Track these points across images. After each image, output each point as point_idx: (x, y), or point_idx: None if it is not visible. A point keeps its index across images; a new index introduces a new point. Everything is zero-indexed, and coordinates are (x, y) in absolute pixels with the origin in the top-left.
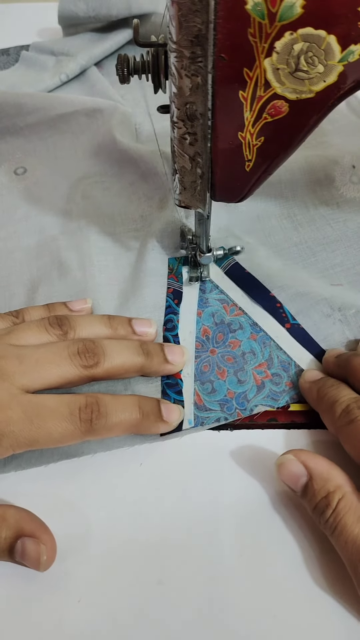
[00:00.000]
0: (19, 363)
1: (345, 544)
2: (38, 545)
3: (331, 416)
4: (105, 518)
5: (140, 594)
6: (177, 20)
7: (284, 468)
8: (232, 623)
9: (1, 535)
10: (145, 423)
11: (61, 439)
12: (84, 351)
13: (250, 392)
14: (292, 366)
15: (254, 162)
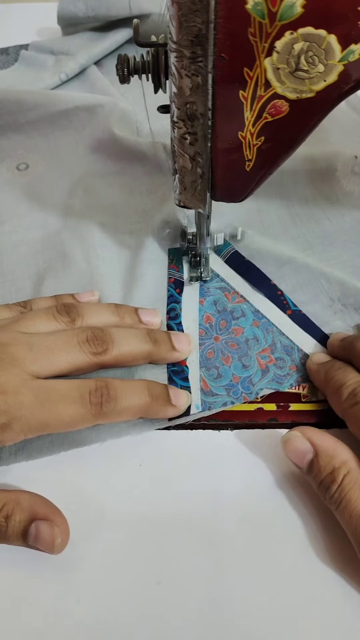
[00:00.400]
0: (29, 350)
1: (349, 518)
2: (52, 528)
3: (338, 398)
4: (105, 518)
5: (140, 594)
6: (177, 20)
7: (289, 444)
8: (232, 623)
9: (15, 519)
10: (154, 406)
11: (72, 423)
12: (92, 339)
13: (255, 376)
14: (295, 350)
15: (254, 162)
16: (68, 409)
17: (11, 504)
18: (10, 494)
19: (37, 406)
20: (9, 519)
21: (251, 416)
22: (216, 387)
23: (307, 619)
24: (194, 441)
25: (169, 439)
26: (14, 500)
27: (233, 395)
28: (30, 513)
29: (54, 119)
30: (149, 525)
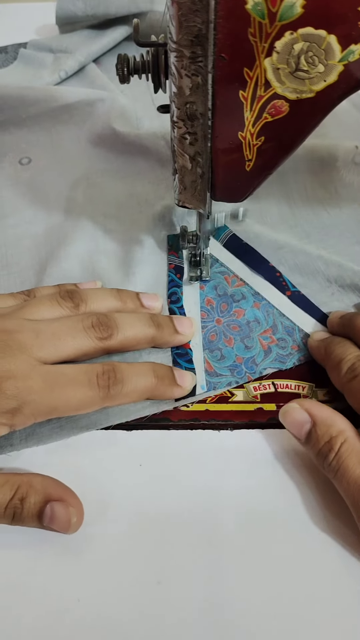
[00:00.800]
0: (36, 336)
1: (347, 485)
2: (67, 508)
3: (337, 373)
4: (105, 518)
5: (140, 594)
6: (177, 20)
7: (288, 416)
8: (232, 623)
9: (30, 501)
10: (160, 387)
11: (81, 406)
12: (97, 324)
13: (258, 356)
14: (296, 331)
15: (254, 162)
16: (76, 392)
17: (25, 486)
18: (24, 477)
19: (46, 390)
20: (24, 501)
21: (251, 416)
22: (220, 368)
23: (307, 619)
24: (194, 441)
25: (169, 439)
26: (27, 483)
27: (237, 375)
28: (45, 494)
29: (55, 114)
30: (149, 525)
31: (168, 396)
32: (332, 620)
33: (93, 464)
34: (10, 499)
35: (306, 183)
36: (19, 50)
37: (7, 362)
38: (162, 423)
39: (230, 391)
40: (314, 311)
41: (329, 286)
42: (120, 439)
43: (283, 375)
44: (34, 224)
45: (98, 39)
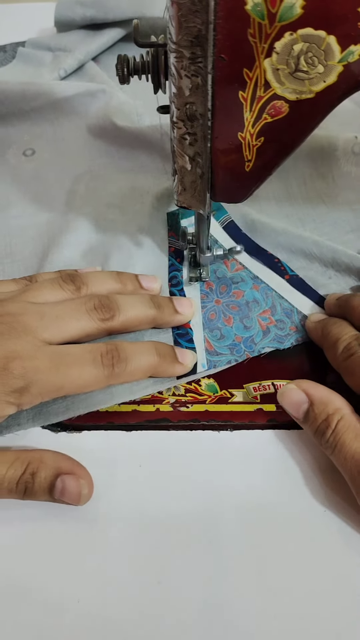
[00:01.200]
0: (40, 318)
1: (344, 459)
2: (77, 480)
3: (334, 352)
4: (105, 518)
5: (140, 594)
6: (177, 20)
7: (286, 396)
8: (231, 623)
9: (41, 475)
10: (163, 365)
11: (86, 384)
12: (100, 306)
13: (256, 336)
14: (294, 313)
15: (254, 163)
16: (82, 371)
17: (36, 462)
18: (34, 453)
19: (52, 370)
20: (35, 475)
21: (251, 417)
22: (220, 347)
23: (308, 619)
24: (194, 441)
25: (169, 439)
26: (38, 458)
27: (236, 353)
28: (55, 468)
29: (57, 106)
30: (149, 525)
31: (170, 373)
32: (333, 620)
33: (93, 464)
34: (22, 474)
35: (305, 172)
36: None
37: (13, 343)
38: (162, 424)
39: (230, 392)
40: (312, 294)
41: (326, 270)
42: (120, 439)
43: (283, 376)
44: (37, 214)
45: (97, 38)
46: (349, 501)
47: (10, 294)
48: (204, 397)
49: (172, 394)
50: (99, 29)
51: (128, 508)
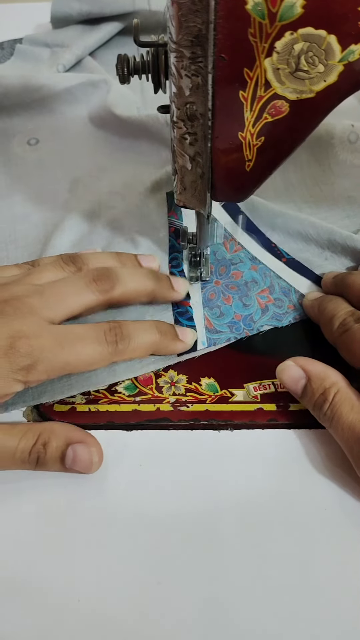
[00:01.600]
0: (41, 297)
1: (342, 430)
2: (88, 448)
3: (330, 328)
4: (105, 518)
5: (140, 594)
6: (177, 20)
7: (284, 373)
8: (232, 623)
9: (52, 445)
10: (164, 342)
11: (91, 361)
12: (99, 278)
13: (255, 314)
14: (292, 292)
15: (254, 162)
16: (86, 348)
17: (47, 432)
18: (45, 425)
19: (58, 347)
20: (46, 445)
21: (251, 416)
22: (219, 325)
23: (308, 620)
24: (194, 441)
25: (169, 439)
26: (49, 429)
27: (235, 331)
28: (66, 438)
29: (60, 95)
30: (149, 525)
31: (171, 350)
32: (333, 620)
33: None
34: (34, 444)
35: (302, 158)
36: (15, 46)
37: (18, 324)
38: (162, 423)
39: (230, 391)
40: (309, 274)
41: (322, 252)
42: (120, 439)
43: None
44: (41, 202)
45: (93, 33)
46: (349, 501)
47: (13, 277)
48: (205, 396)
49: (172, 394)
50: (95, 24)
51: (128, 508)
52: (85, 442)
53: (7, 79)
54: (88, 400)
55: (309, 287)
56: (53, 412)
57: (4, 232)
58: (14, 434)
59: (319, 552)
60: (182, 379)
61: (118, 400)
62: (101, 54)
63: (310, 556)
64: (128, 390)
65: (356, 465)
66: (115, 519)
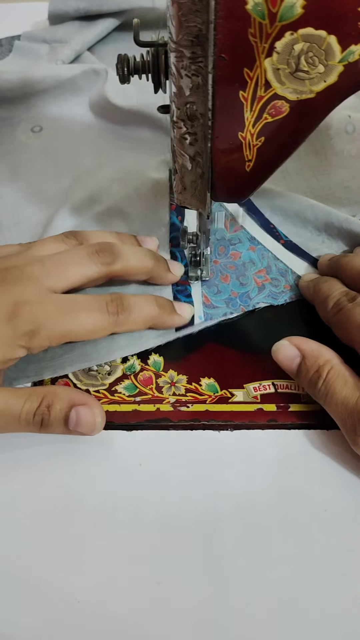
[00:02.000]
0: (42, 266)
1: (335, 405)
2: (91, 409)
3: (324, 308)
4: (105, 518)
5: (140, 594)
6: (177, 20)
7: (279, 352)
8: (232, 623)
9: (56, 407)
10: (162, 315)
11: (93, 330)
12: (101, 250)
13: (252, 292)
14: (289, 273)
15: (254, 162)
16: (89, 316)
17: (50, 395)
18: (48, 388)
19: (60, 314)
20: (50, 408)
21: (251, 417)
22: (216, 301)
23: (308, 620)
24: (194, 441)
25: (169, 439)
26: (52, 392)
27: (232, 307)
28: (69, 401)
29: (63, 84)
30: (149, 525)
31: (169, 324)
32: (333, 621)
33: (93, 463)
34: (38, 406)
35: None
36: (13, 43)
37: (20, 291)
38: (162, 423)
39: (230, 392)
40: (306, 257)
41: (319, 235)
42: (120, 439)
43: (283, 376)
44: (44, 186)
45: (91, 28)
46: (349, 501)
47: (14, 251)
48: (204, 397)
49: (172, 394)
50: (92, 20)
51: (128, 508)
52: (88, 404)
53: (9, 73)
54: None
55: (306, 269)
56: None
57: (7, 216)
58: (19, 396)
59: (318, 553)
60: (182, 379)
61: (118, 400)
62: (99, 49)
63: (310, 556)
64: (128, 390)
65: (350, 438)
66: (115, 519)
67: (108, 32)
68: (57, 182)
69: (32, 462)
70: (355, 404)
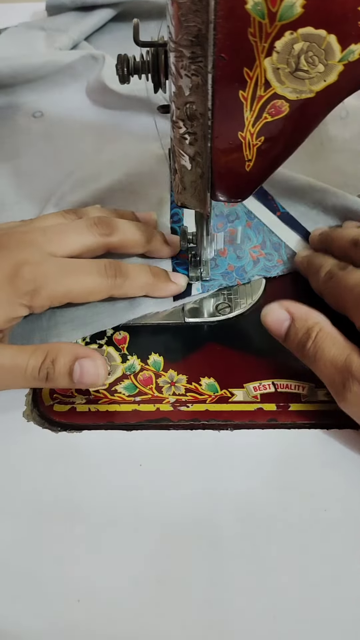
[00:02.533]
0: (43, 234)
1: (324, 366)
2: (95, 361)
3: (317, 278)
4: (105, 518)
5: (140, 594)
6: (177, 20)
7: (268, 316)
8: (232, 623)
9: (60, 362)
10: (158, 283)
11: (92, 291)
12: (99, 222)
13: (247, 265)
14: (282, 247)
15: (254, 162)
16: (88, 278)
17: (54, 350)
18: (52, 344)
19: (61, 275)
20: (55, 362)
21: (251, 416)
22: (214, 275)
23: (308, 620)
24: (193, 441)
25: (169, 439)
26: (56, 347)
27: (228, 280)
28: (73, 354)
29: (62, 69)
30: (149, 525)
31: (164, 291)
32: (333, 621)
33: (93, 463)
34: (43, 361)
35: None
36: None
37: (21, 253)
38: (162, 423)
39: (230, 391)
40: (299, 229)
41: (314, 207)
42: (120, 439)
43: (283, 376)
44: (45, 168)
45: (88, 19)
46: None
47: (16, 224)
48: (204, 396)
49: (172, 394)
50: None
51: (128, 507)
52: (91, 356)
53: (10, 60)
54: (88, 400)
55: (299, 242)
56: (53, 412)
57: (9, 195)
58: (24, 352)
59: (318, 552)
60: (182, 379)
61: (118, 400)
62: (96, 40)
63: (310, 556)
64: (128, 390)
65: (338, 396)
66: (115, 519)
67: (104, 23)
68: (58, 164)
69: (32, 462)
70: (344, 362)
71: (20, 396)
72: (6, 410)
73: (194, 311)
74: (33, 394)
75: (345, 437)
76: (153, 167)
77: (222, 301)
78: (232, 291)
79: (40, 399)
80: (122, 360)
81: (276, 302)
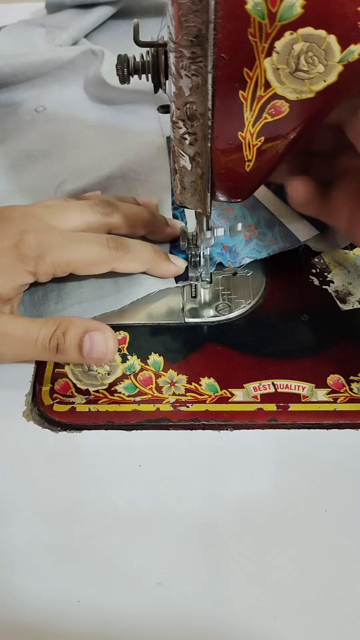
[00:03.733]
0: (47, 208)
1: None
2: (104, 334)
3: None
4: (105, 518)
5: (140, 594)
6: (177, 20)
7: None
8: (232, 623)
9: (71, 333)
10: (158, 260)
11: (95, 261)
12: (101, 202)
13: (239, 245)
14: (276, 225)
15: (254, 162)
16: (91, 248)
17: (66, 322)
18: (64, 317)
19: (65, 243)
20: (65, 334)
21: (251, 416)
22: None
23: (307, 620)
24: (193, 441)
25: (169, 439)
26: (67, 320)
27: (222, 259)
28: (84, 327)
29: (64, 65)
30: (149, 525)
31: (164, 270)
32: (333, 622)
33: (93, 464)
34: (54, 332)
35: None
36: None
37: (25, 223)
38: (162, 423)
39: (230, 391)
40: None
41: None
42: (120, 439)
43: (283, 376)
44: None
45: (87, 16)
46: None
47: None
48: (204, 396)
49: (172, 394)
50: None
51: (128, 507)
52: (101, 330)
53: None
54: (88, 400)
55: (291, 214)
56: (53, 412)
57: (12, 184)
58: (36, 323)
59: (318, 553)
60: (182, 379)
61: (118, 400)
62: (95, 37)
63: (310, 556)
64: (128, 390)
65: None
66: (114, 519)
67: (104, 20)
68: (60, 155)
69: (32, 462)
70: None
71: (21, 396)
72: (6, 410)
73: (193, 311)
74: (33, 393)
75: (345, 437)
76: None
77: (222, 301)
78: (232, 291)
79: (40, 398)
80: (122, 360)
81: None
